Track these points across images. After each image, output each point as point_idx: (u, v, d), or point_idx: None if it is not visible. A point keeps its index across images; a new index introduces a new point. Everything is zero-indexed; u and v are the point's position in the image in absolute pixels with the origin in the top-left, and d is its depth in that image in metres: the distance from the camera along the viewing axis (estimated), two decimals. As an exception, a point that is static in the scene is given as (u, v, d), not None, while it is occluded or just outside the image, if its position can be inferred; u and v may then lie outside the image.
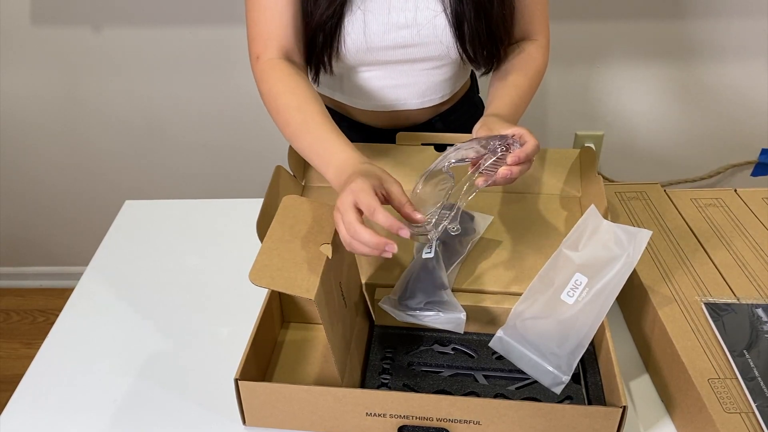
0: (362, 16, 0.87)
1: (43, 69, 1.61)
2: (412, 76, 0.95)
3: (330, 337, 0.65)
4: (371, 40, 0.88)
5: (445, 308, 0.74)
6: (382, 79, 0.96)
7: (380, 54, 0.90)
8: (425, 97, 0.99)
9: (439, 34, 0.88)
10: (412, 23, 0.88)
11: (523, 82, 0.90)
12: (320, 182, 0.99)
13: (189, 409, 0.74)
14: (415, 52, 0.91)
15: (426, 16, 0.88)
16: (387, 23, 0.88)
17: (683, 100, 1.67)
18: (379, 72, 0.95)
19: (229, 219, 1.05)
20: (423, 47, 0.90)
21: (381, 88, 0.97)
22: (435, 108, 1.02)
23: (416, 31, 0.88)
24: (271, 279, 0.63)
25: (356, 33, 0.87)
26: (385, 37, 0.88)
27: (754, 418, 0.62)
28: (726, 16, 1.53)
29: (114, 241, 1.01)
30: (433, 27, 0.88)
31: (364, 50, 0.89)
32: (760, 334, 0.71)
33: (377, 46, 0.89)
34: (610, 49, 1.59)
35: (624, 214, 0.91)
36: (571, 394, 0.72)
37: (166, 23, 1.54)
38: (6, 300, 2.02)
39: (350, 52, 0.89)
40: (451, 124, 1.06)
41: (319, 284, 0.63)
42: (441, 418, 0.67)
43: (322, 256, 0.66)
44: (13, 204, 1.88)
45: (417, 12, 0.87)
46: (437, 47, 0.90)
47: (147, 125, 1.72)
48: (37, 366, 0.80)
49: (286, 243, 0.67)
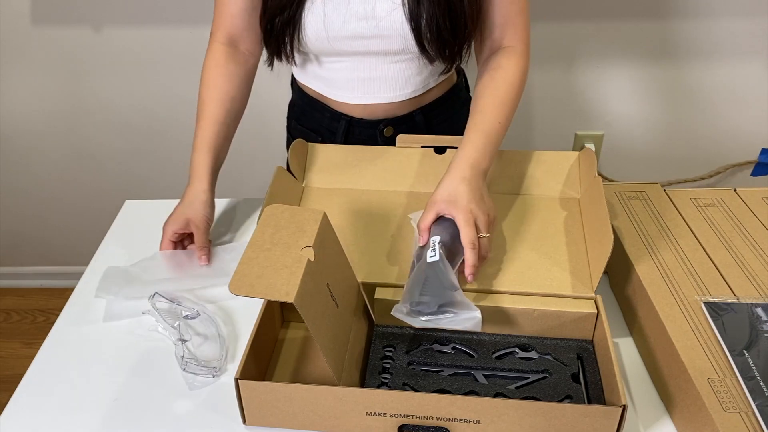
0: (322, 5, 0.89)
1: (43, 69, 1.61)
2: (379, 69, 0.96)
3: (317, 338, 0.65)
4: (330, 29, 0.90)
5: (459, 309, 0.73)
6: (351, 71, 0.97)
7: (341, 44, 0.92)
8: (396, 92, 0.99)
9: (397, 27, 0.89)
10: (371, 15, 0.89)
11: (489, 105, 0.87)
12: (320, 183, 1.00)
13: (189, 408, 0.74)
14: (375, 44, 0.92)
15: (384, 9, 0.88)
16: (346, 13, 0.89)
17: (683, 100, 1.67)
18: (347, 64, 0.96)
19: (229, 219, 1.05)
20: (382, 39, 0.91)
21: (351, 80, 0.98)
22: (413, 101, 1.02)
23: (375, 23, 0.89)
24: (250, 287, 0.63)
25: (317, 22, 0.89)
26: (344, 27, 0.90)
27: (754, 417, 0.62)
28: (726, 16, 1.53)
29: (114, 241, 1.01)
30: (391, 20, 0.89)
31: (324, 39, 0.91)
32: (760, 333, 0.71)
33: (336, 35, 0.90)
34: (609, 50, 1.59)
35: (624, 214, 0.91)
36: (571, 394, 0.72)
37: (166, 23, 1.54)
38: (6, 300, 2.03)
39: (310, 40, 0.91)
40: (433, 119, 1.06)
41: (300, 287, 0.63)
42: (441, 418, 0.67)
43: (303, 258, 0.66)
44: (13, 204, 1.88)
45: (376, 3, 0.88)
46: (396, 40, 0.91)
47: (147, 125, 1.72)
48: (37, 366, 0.80)
49: (266, 251, 0.67)
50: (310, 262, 0.66)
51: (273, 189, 0.88)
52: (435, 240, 0.76)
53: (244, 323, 0.85)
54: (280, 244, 0.68)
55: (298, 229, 0.70)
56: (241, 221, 1.04)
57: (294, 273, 0.64)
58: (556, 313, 0.77)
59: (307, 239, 0.68)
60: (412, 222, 0.82)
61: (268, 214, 0.72)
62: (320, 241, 0.69)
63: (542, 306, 0.77)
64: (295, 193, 0.97)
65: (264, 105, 1.65)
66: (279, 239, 0.68)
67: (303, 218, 0.71)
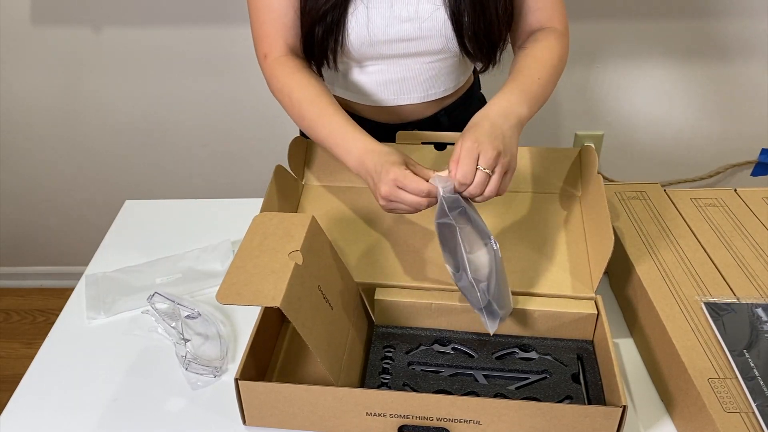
0: (365, 10, 0.88)
1: (43, 69, 1.61)
2: (413, 69, 0.96)
3: (308, 340, 0.65)
4: (374, 34, 0.89)
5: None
6: (384, 74, 0.96)
7: (383, 48, 0.91)
8: (428, 91, 0.99)
9: (439, 27, 0.89)
10: (414, 16, 0.89)
11: (536, 69, 0.84)
12: (320, 182, 0.99)
13: (189, 408, 0.74)
14: (417, 46, 0.92)
15: (427, 9, 0.88)
16: (390, 16, 0.89)
17: (683, 100, 1.67)
18: (381, 66, 0.95)
19: (229, 219, 1.05)
20: (424, 41, 0.91)
21: (383, 82, 0.97)
22: (438, 102, 1.02)
23: (418, 25, 0.89)
24: (237, 295, 0.64)
25: (360, 27, 0.89)
26: (387, 30, 0.89)
27: (754, 417, 0.62)
28: (726, 16, 1.53)
29: (114, 241, 1.01)
30: (434, 20, 0.89)
31: (367, 44, 0.90)
32: (760, 333, 0.71)
33: (380, 39, 0.90)
34: (610, 49, 1.59)
35: (624, 214, 0.91)
36: (571, 394, 0.72)
37: (166, 23, 1.54)
38: (6, 300, 2.02)
39: (354, 46, 0.90)
40: (455, 119, 1.06)
41: (287, 291, 0.63)
42: (441, 418, 0.67)
43: (291, 263, 0.66)
44: (13, 204, 1.88)
45: (419, 5, 0.88)
46: (438, 40, 0.91)
47: (147, 125, 1.72)
48: (37, 366, 0.80)
49: (253, 258, 0.67)
50: (298, 266, 0.66)
51: (272, 188, 0.88)
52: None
53: (244, 323, 0.85)
54: (268, 250, 0.68)
55: (285, 235, 0.70)
56: (241, 221, 1.03)
57: (281, 278, 0.65)
58: (556, 313, 0.77)
59: (294, 244, 0.69)
60: (436, 182, 0.74)
61: (257, 223, 0.72)
62: (309, 245, 0.70)
63: (542, 306, 0.77)
64: (295, 191, 0.96)
65: (264, 105, 1.66)
66: (267, 246, 0.69)
67: (291, 224, 0.72)
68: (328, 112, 0.83)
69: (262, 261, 0.67)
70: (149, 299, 0.83)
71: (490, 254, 0.72)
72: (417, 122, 1.04)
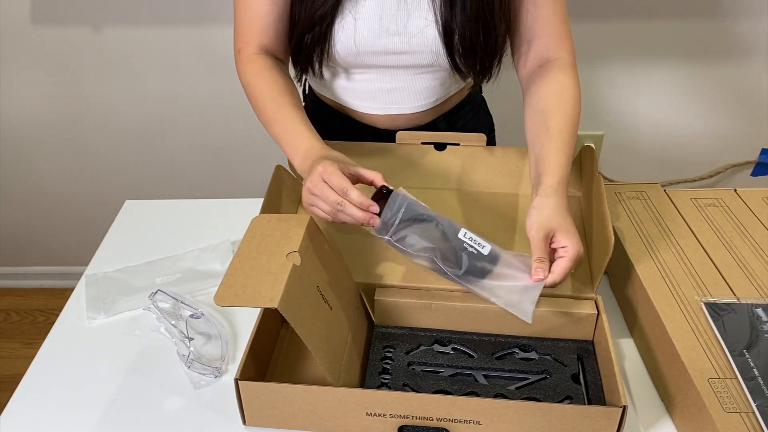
0: (353, 21, 0.87)
1: (43, 69, 1.61)
2: (404, 80, 0.95)
3: (307, 341, 0.65)
4: (361, 45, 0.88)
5: None
6: (374, 82, 0.96)
7: (370, 58, 0.91)
8: (419, 101, 0.98)
9: (429, 43, 0.88)
10: (403, 31, 0.88)
11: (565, 126, 0.83)
12: (320, 182, 0.99)
13: (189, 408, 0.74)
14: (405, 59, 0.91)
15: (417, 25, 0.87)
16: (378, 29, 0.88)
17: (683, 99, 1.67)
18: (371, 75, 0.95)
19: (229, 219, 1.04)
20: (413, 55, 0.90)
21: (374, 91, 0.97)
22: (436, 109, 1.02)
23: (407, 39, 0.88)
24: (235, 297, 0.64)
25: (347, 38, 0.88)
26: (375, 42, 0.88)
27: (754, 417, 0.62)
28: (726, 16, 1.53)
29: (114, 241, 1.01)
30: (423, 36, 0.88)
31: (353, 54, 0.90)
32: (760, 333, 0.71)
33: (366, 51, 0.89)
34: (610, 49, 1.59)
35: (624, 214, 0.91)
36: (571, 394, 0.72)
37: (166, 23, 1.54)
38: (6, 300, 2.02)
39: (339, 55, 0.90)
40: (454, 125, 1.05)
41: (284, 292, 0.63)
42: (441, 418, 0.67)
43: (288, 264, 0.66)
44: (13, 204, 1.88)
45: (408, 20, 0.87)
46: (428, 56, 0.90)
47: (147, 125, 1.72)
48: (37, 366, 0.80)
49: (251, 260, 0.67)
50: (296, 267, 0.66)
51: (272, 188, 0.88)
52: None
53: (244, 323, 0.85)
54: (266, 252, 0.68)
55: (283, 236, 0.70)
56: (241, 221, 1.03)
57: (278, 279, 0.65)
58: (556, 313, 0.77)
59: (292, 245, 0.69)
60: None
61: (255, 224, 0.72)
62: (307, 246, 0.70)
63: (542, 306, 0.77)
64: (295, 191, 0.96)
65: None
66: (264, 248, 0.69)
67: (288, 225, 0.72)
68: (285, 111, 0.85)
69: (260, 262, 0.67)
70: (151, 297, 0.83)
71: (430, 229, 0.74)
72: (415, 128, 1.03)
